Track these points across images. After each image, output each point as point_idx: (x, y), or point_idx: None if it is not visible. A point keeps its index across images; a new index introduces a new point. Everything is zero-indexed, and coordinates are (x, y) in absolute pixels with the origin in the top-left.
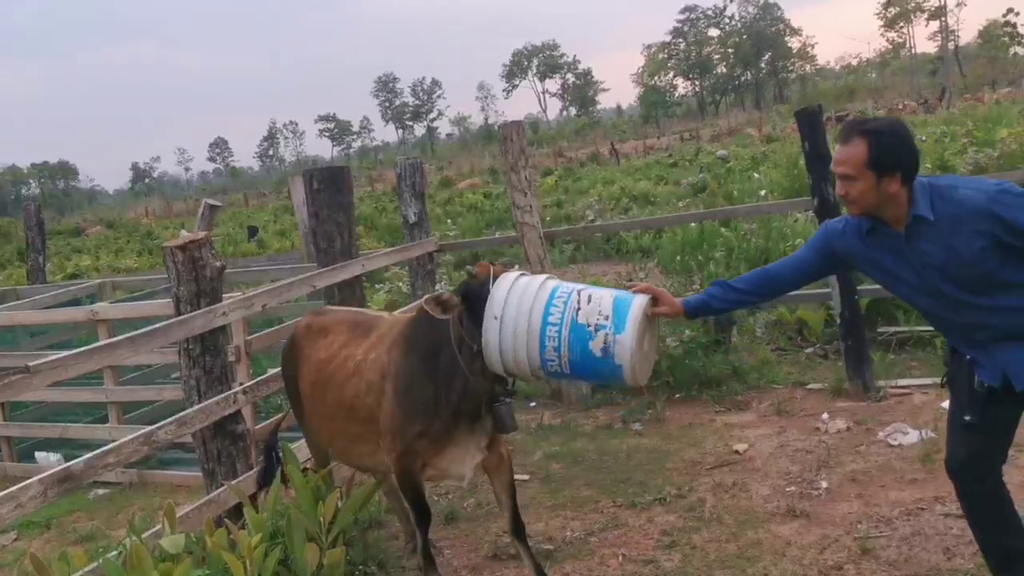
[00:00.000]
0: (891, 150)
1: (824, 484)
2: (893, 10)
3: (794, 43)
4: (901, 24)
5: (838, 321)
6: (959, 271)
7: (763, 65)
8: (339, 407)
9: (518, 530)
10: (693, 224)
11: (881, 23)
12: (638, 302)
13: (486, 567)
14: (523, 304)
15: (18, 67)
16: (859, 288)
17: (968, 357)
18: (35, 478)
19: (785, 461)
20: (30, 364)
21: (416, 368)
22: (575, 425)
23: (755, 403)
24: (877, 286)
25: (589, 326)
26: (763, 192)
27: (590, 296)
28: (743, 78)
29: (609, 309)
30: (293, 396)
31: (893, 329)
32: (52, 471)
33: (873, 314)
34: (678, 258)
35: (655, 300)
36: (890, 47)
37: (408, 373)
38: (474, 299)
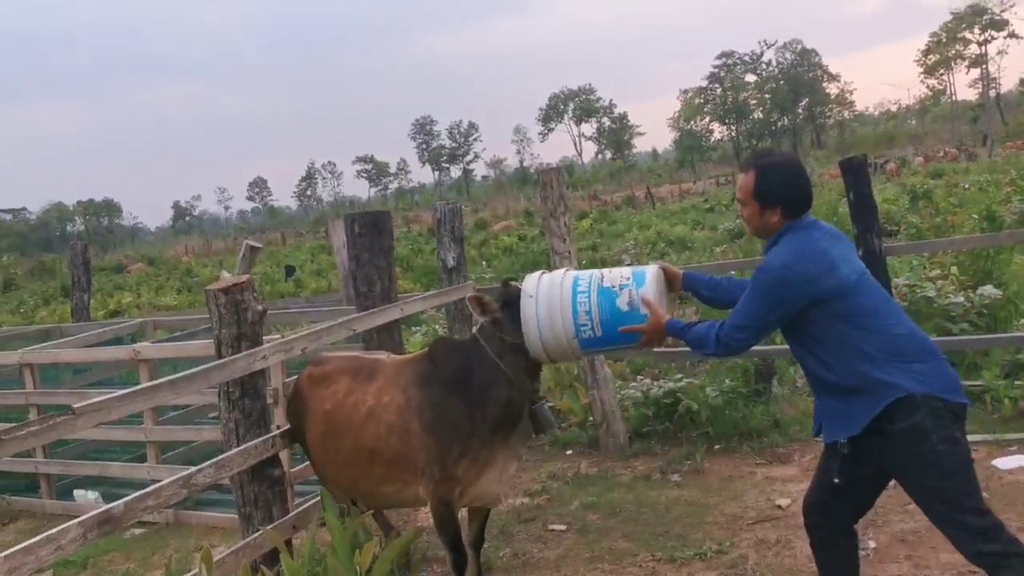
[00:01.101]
0: (775, 185)
1: (872, 544)
2: (933, 57)
3: (832, 89)
4: (941, 71)
5: None
6: None
7: (800, 111)
8: (359, 453)
9: (477, 544)
10: (732, 272)
11: (921, 70)
12: (652, 266)
13: None
14: (553, 283)
15: (66, 108)
16: None
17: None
18: (75, 521)
19: None
20: (75, 406)
21: (441, 397)
22: (612, 475)
23: (797, 456)
24: None
25: (614, 287)
26: None
27: (610, 269)
28: (779, 124)
29: (628, 272)
30: (303, 446)
31: None
32: (92, 514)
33: None
34: None
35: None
36: (930, 94)
37: (434, 404)
38: (512, 303)
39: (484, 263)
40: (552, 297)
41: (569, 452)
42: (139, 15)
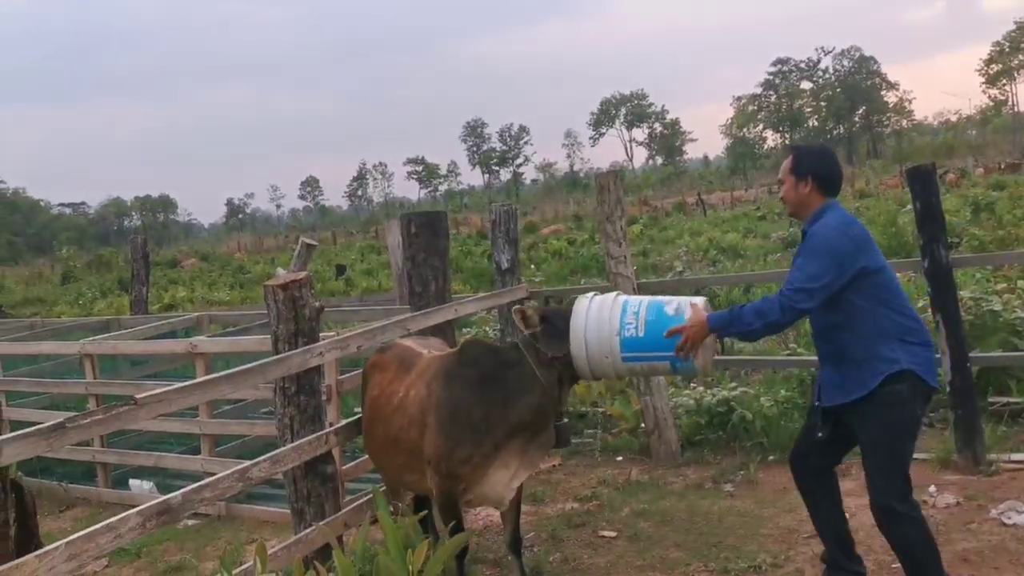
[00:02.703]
0: (809, 160)
1: None
2: (996, 67)
3: (890, 97)
4: (1004, 81)
5: (947, 389)
6: None
7: (857, 119)
8: (387, 440)
9: (514, 544)
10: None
11: (983, 80)
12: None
13: None
14: (607, 298)
15: (126, 106)
16: (971, 355)
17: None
18: (135, 510)
19: None
20: (137, 396)
21: (460, 396)
22: (664, 483)
23: (855, 470)
24: (990, 353)
25: (664, 301)
26: None
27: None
28: (835, 132)
29: (676, 296)
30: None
31: (1005, 400)
32: (151, 503)
33: (983, 383)
34: None
35: None
36: (991, 104)
37: (451, 402)
38: (551, 318)
39: (533, 267)
40: (604, 303)
41: (619, 458)
42: (199, 18)
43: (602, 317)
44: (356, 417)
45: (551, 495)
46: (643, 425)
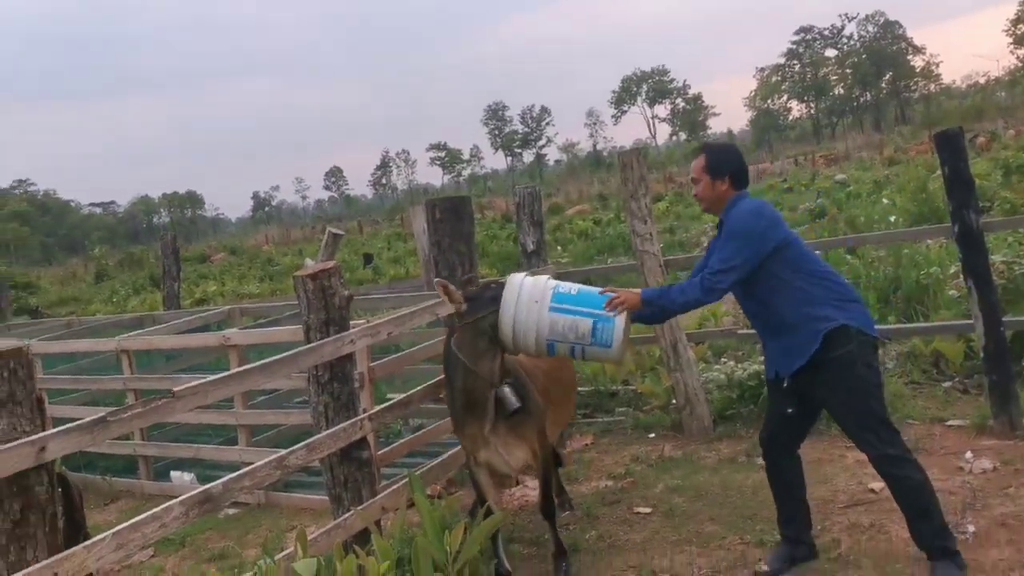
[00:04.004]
0: (723, 159)
1: (971, 528)
2: (1023, 26)
3: (917, 62)
4: None
5: (981, 354)
6: None
7: (883, 85)
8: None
9: (545, 510)
10: (817, 252)
11: (1010, 40)
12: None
13: None
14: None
15: (151, 104)
16: (1004, 319)
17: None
18: (177, 499)
19: None
20: (175, 389)
21: (446, 379)
22: (697, 458)
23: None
24: (1023, 317)
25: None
26: (893, 218)
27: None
28: (862, 99)
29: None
30: None
31: None
32: (193, 493)
33: (1017, 347)
34: None
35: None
36: (1020, 65)
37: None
38: (474, 298)
39: (559, 247)
40: (538, 279)
41: (652, 435)
42: (220, 16)
43: (540, 277)
44: (390, 402)
45: (585, 473)
46: (674, 401)
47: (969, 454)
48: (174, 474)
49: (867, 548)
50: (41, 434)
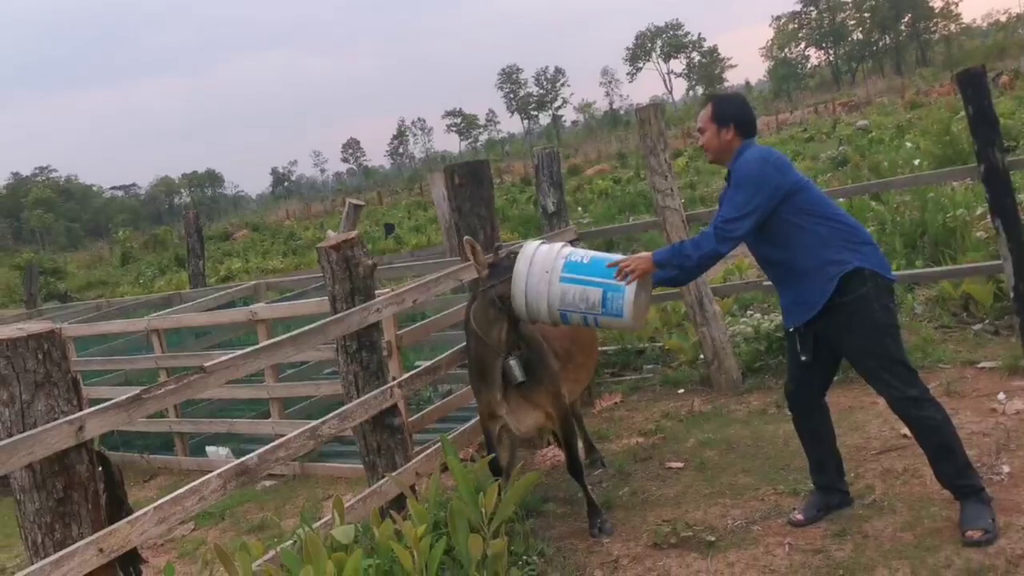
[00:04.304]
0: (727, 107)
1: (1006, 468)
2: None
3: (936, 2)
4: None
5: (1011, 295)
6: None
7: (903, 28)
8: None
9: (571, 468)
10: (841, 199)
11: None
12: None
13: (647, 556)
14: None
15: (163, 84)
16: None
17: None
18: (215, 472)
19: None
20: (206, 365)
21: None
22: (727, 411)
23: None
24: None
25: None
26: (917, 161)
27: None
28: (881, 43)
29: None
30: None
31: None
32: (230, 466)
33: None
34: None
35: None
36: None
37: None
38: (496, 265)
39: (580, 208)
40: (552, 247)
41: (681, 391)
42: None
43: (554, 246)
44: (419, 369)
45: (615, 431)
46: (702, 356)
47: (1002, 395)
48: (209, 449)
49: (901, 493)
50: (79, 413)
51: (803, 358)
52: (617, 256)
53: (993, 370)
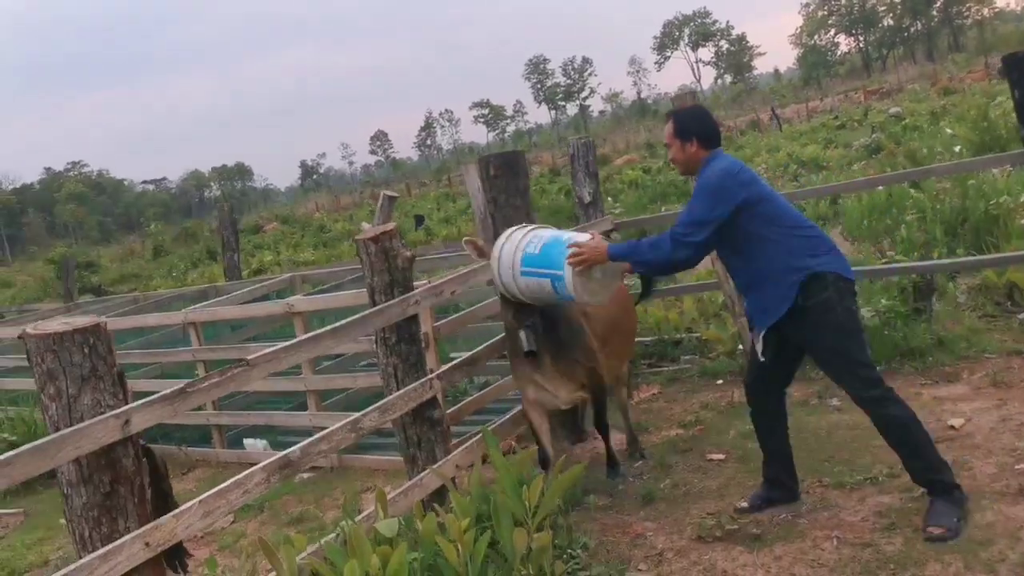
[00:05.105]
0: (688, 122)
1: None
2: None
3: None
4: None
5: None
6: None
7: (934, 13)
8: None
9: (597, 422)
10: (880, 187)
11: None
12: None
13: (692, 549)
14: (520, 231)
15: (193, 79)
16: None
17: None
18: (259, 466)
19: (1010, 436)
20: (249, 357)
21: None
22: None
23: (966, 374)
24: None
25: (565, 234)
26: (958, 148)
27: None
28: (912, 29)
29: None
30: None
31: None
32: (273, 459)
33: None
34: (864, 223)
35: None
36: None
37: None
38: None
39: (610, 199)
40: (520, 232)
41: (719, 382)
42: None
43: (513, 239)
44: (457, 360)
45: (655, 423)
46: (740, 347)
47: None
48: (247, 441)
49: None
50: (125, 407)
51: (761, 358)
52: (572, 235)
53: None
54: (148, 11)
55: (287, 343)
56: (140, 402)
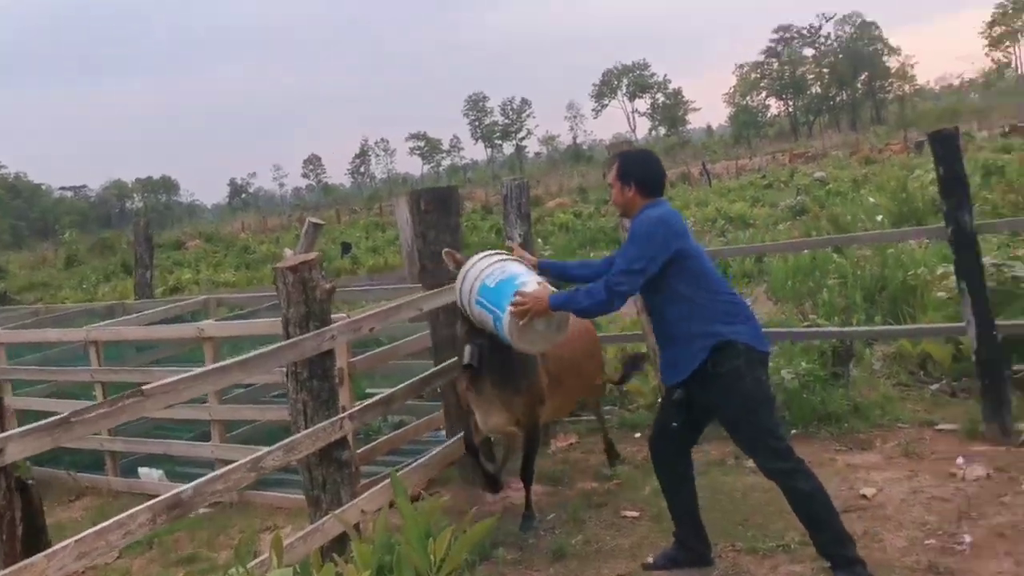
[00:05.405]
0: (630, 166)
1: (967, 538)
2: (999, 29)
3: (893, 63)
4: (1007, 44)
5: (973, 358)
6: None
7: (859, 85)
8: None
9: (523, 475)
10: (806, 251)
11: (986, 42)
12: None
13: None
14: (490, 259)
15: (125, 87)
16: (998, 323)
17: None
18: (145, 505)
19: (920, 510)
20: (144, 387)
21: None
22: None
23: (879, 442)
24: (1016, 321)
25: (520, 273)
26: (879, 217)
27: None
28: (838, 98)
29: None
30: None
31: None
32: (162, 498)
33: (1006, 351)
34: (788, 284)
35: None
36: (995, 67)
37: None
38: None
39: (540, 240)
40: (489, 259)
41: (638, 435)
42: None
43: (480, 265)
44: (371, 400)
45: (570, 474)
46: (660, 400)
47: (961, 460)
48: (142, 470)
49: (862, 557)
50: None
51: (673, 423)
52: (529, 279)
53: (951, 433)
54: (85, 13)
55: (188, 374)
56: (16, 431)
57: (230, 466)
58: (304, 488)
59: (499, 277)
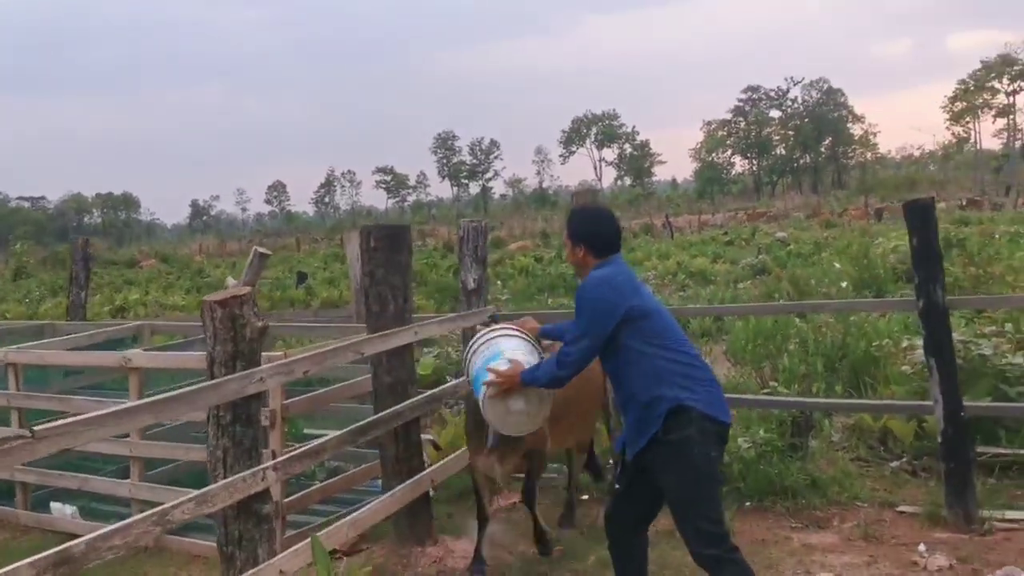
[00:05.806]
0: (579, 226)
1: None
2: (960, 104)
3: (856, 130)
4: (968, 119)
5: (939, 439)
6: None
7: (823, 149)
8: None
9: (527, 500)
10: (773, 317)
11: (947, 116)
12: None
13: None
14: (489, 335)
15: (90, 103)
16: (965, 404)
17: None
18: (26, 561)
19: None
20: (36, 428)
21: None
22: None
23: (836, 521)
24: (985, 402)
25: (504, 351)
26: (844, 284)
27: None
28: (801, 161)
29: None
30: None
31: (995, 451)
32: (47, 553)
33: (971, 432)
34: (748, 347)
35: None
36: (955, 141)
37: None
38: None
39: (499, 283)
40: (488, 335)
41: (585, 497)
42: (167, 16)
43: (483, 338)
44: (299, 449)
45: (511, 537)
46: (611, 462)
47: (922, 547)
48: (54, 505)
49: None
50: None
51: (616, 485)
52: (510, 356)
53: (913, 516)
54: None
55: (88, 416)
56: None
57: (131, 519)
58: (218, 543)
59: (488, 356)
